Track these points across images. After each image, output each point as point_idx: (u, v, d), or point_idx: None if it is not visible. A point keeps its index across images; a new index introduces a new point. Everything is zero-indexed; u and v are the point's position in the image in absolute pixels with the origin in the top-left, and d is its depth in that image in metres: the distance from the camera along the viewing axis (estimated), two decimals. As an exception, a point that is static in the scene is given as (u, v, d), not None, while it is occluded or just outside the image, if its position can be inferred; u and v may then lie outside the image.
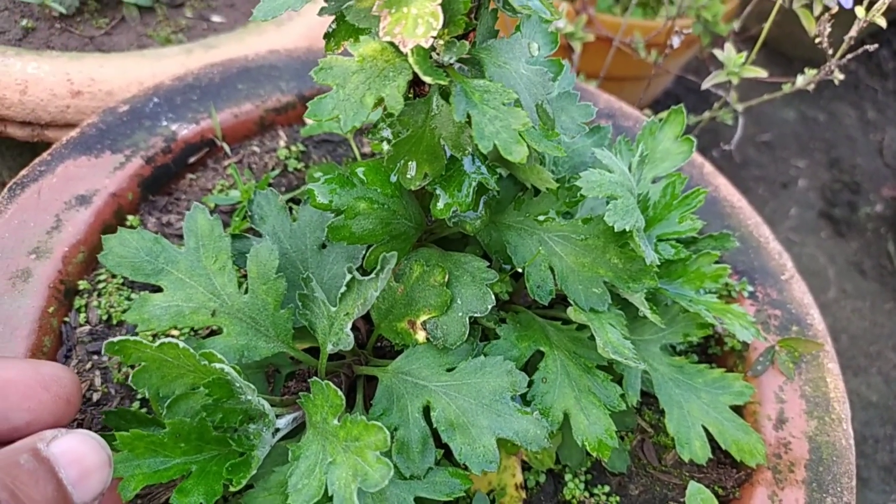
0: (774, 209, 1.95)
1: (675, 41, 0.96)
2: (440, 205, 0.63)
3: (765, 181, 2.01)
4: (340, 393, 0.56)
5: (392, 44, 0.54)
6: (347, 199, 0.63)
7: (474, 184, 0.65)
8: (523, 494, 0.73)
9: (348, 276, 0.59)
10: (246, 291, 0.66)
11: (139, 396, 0.73)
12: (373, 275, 0.59)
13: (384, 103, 0.54)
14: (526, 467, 0.75)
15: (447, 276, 0.67)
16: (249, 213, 0.72)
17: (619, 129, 1.04)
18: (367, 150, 0.99)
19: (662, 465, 0.76)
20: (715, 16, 1.26)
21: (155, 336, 0.76)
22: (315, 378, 0.58)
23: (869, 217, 1.97)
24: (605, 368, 0.72)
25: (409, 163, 0.60)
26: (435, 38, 0.54)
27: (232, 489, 0.57)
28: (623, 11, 1.59)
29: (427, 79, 0.50)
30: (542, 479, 0.74)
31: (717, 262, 0.78)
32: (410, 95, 0.60)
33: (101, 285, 0.80)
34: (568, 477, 0.74)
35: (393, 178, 0.67)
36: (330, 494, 0.54)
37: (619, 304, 0.73)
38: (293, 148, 0.97)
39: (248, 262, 0.66)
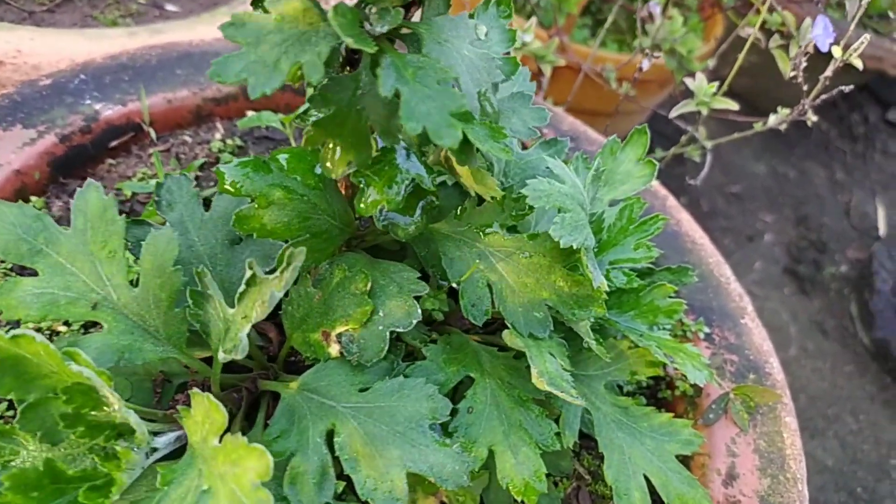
0: (739, 261, 1.91)
1: (646, 64, 0.91)
2: (366, 201, 0.56)
3: (731, 232, 1.98)
4: (223, 408, 0.48)
5: (315, 2, 0.47)
6: (261, 184, 0.56)
7: (407, 181, 0.58)
8: (440, 540, 0.64)
9: (248, 272, 0.51)
10: (136, 285, 0.58)
11: (9, 397, 0.64)
12: (277, 272, 0.51)
13: (304, 73, 0.47)
14: (446, 510, 0.66)
15: (370, 285, 0.59)
16: (156, 199, 0.64)
17: (582, 150, 0.98)
18: (310, 151, 0.91)
19: (598, 517, 0.68)
20: (690, 52, 1.22)
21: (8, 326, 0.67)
22: (195, 390, 0.50)
23: (833, 277, 1.95)
24: (542, 403, 0.65)
25: (332, 147, 0.53)
26: (367, 1, 0.47)
27: (85, 518, 0.48)
28: (600, 46, 1.56)
29: (348, 41, 0.43)
30: (464, 524, 0.66)
31: (673, 298, 0.72)
32: (343, 72, 0.53)
33: (-14, 269, 0.70)
34: (492, 524, 0.66)
35: (318, 170, 0.60)
36: (199, 528, 0.45)
37: (562, 333, 0.66)
38: (229, 142, 0.89)
39: (143, 252, 0.57)
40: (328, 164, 0.54)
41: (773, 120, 0.96)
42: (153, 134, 0.86)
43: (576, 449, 0.73)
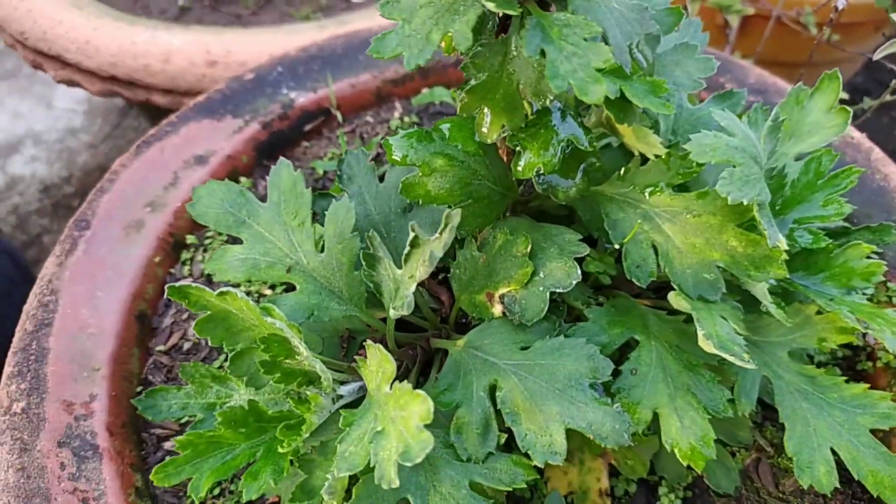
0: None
1: (841, 2, 0.82)
2: (522, 163, 0.57)
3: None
4: (392, 359, 0.52)
5: (461, -27, 0.49)
6: (424, 154, 0.59)
7: (564, 142, 0.58)
8: (608, 502, 0.65)
9: (411, 235, 0.54)
10: (322, 250, 0.64)
11: (227, 350, 0.74)
12: (437, 234, 0.54)
13: (454, 41, 0.49)
14: (615, 473, 0.66)
15: (530, 247, 0.60)
16: (338, 174, 0.70)
17: (770, 104, 0.90)
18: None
19: (779, 490, 0.64)
20: (907, -16, 1.07)
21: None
22: (369, 342, 0.55)
23: None
24: (716, 369, 0.62)
25: (486, 112, 0.55)
26: (509, -35, 0.48)
27: (281, 450, 0.55)
28: (798, -11, 1.42)
29: (490, 5, 0.44)
30: (633, 489, 0.66)
31: (873, 258, 0.65)
32: (493, 38, 0.55)
33: (207, 241, 0.82)
34: (662, 491, 0.65)
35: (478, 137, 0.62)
36: (372, 465, 0.50)
37: (738, 296, 0.63)
38: (406, 119, 0.94)
39: (326, 220, 0.64)
40: (483, 129, 0.56)
41: None
42: (340, 117, 0.94)
43: (757, 420, 0.69)
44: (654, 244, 0.62)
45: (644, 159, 0.64)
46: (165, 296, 0.78)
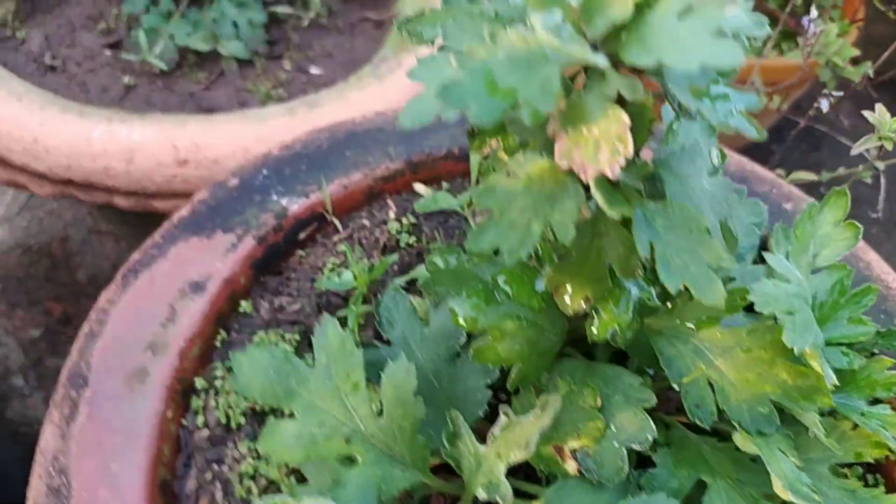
0: None
1: (825, 105, 0.87)
2: (596, 325, 0.57)
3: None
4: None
5: (567, 170, 0.47)
6: (493, 317, 0.58)
7: (635, 300, 0.58)
8: None
9: (503, 419, 0.53)
10: (380, 413, 0.61)
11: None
12: (531, 417, 0.53)
13: (555, 233, 0.48)
14: None
15: (599, 399, 0.60)
16: (377, 318, 0.67)
17: (752, 195, 0.95)
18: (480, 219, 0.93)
19: None
20: (845, 60, 1.15)
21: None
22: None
23: None
24: (771, 498, 0.65)
25: (567, 286, 0.54)
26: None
27: None
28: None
29: (613, 214, 0.43)
30: None
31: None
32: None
33: (217, 382, 0.76)
34: None
35: (539, 288, 0.61)
36: None
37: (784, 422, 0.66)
38: (404, 221, 0.91)
39: (383, 382, 0.61)
40: (565, 300, 0.55)
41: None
42: (338, 224, 0.90)
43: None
44: (709, 381, 0.63)
45: (688, 293, 0.66)
46: (183, 455, 0.72)
